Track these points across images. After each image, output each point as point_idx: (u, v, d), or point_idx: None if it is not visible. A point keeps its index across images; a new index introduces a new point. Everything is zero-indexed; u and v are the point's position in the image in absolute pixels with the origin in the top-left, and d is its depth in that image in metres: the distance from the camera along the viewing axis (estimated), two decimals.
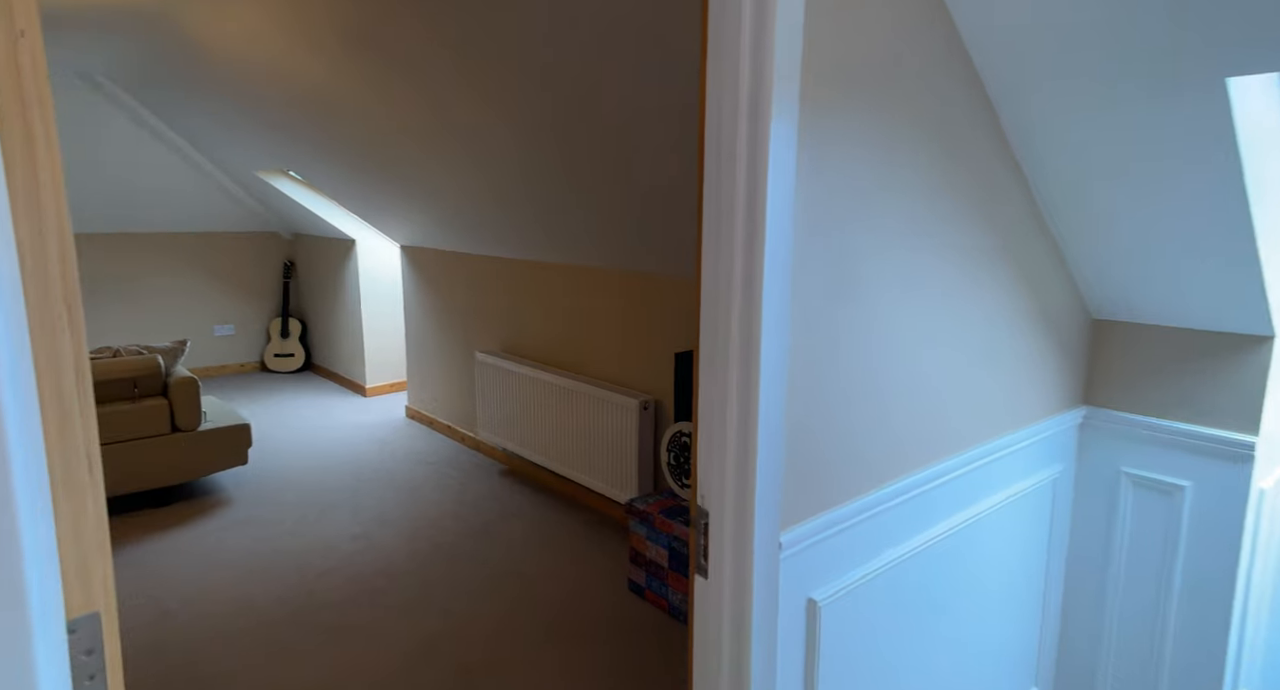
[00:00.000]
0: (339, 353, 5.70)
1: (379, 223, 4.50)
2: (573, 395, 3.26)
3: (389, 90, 2.74)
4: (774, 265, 1.04)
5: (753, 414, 1.10)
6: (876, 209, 1.20)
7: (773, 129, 0.99)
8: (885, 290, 1.25)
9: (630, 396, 2.99)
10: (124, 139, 4.72)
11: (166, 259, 5.59)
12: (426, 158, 3.15)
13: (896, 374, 1.31)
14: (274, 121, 3.74)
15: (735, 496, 1.12)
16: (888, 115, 1.18)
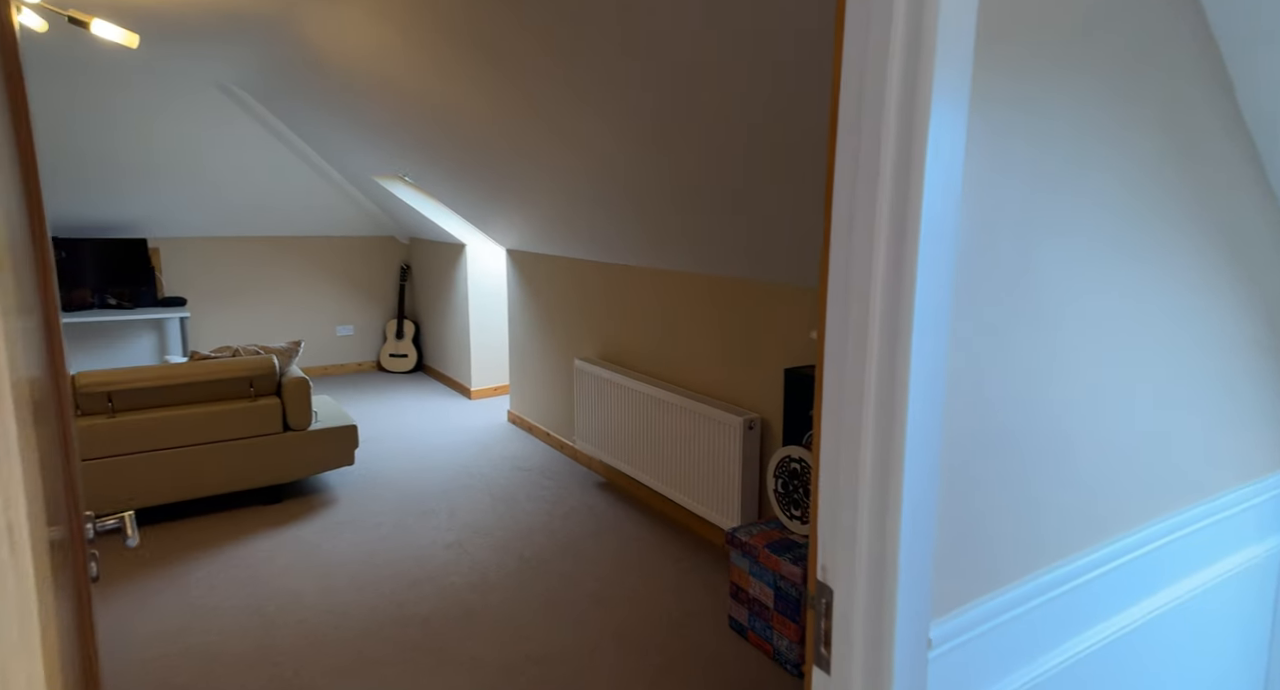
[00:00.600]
0: (448, 355, 5.80)
1: (486, 227, 4.49)
2: (672, 409, 3.05)
3: (494, 92, 2.64)
4: (932, 271, 0.78)
5: (895, 460, 0.83)
6: (1069, 203, 0.91)
7: (934, 95, 0.73)
8: (1079, 304, 0.95)
9: (734, 413, 2.74)
10: (258, 147, 5.00)
11: (294, 262, 5.91)
12: (531, 161, 3.05)
13: (1088, 410, 1.00)
14: (387, 128, 3.79)
15: (870, 572, 0.86)
16: (1091, 81, 0.88)
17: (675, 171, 2.38)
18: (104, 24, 2.07)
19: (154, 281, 5.22)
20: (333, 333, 6.17)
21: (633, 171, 2.57)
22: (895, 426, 0.81)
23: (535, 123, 2.68)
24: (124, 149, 4.59)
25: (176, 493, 3.15)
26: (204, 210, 5.29)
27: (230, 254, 5.63)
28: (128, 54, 3.71)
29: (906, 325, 0.78)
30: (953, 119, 0.74)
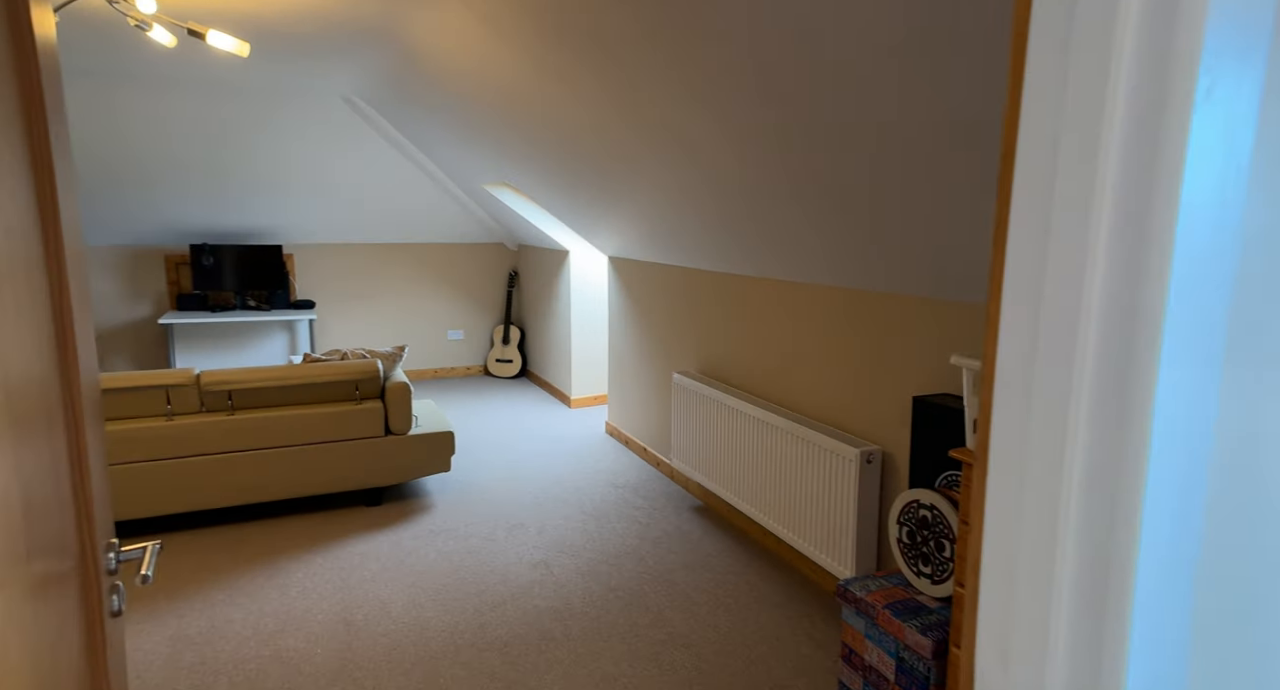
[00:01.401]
0: (550, 362, 5.80)
1: (589, 233, 4.42)
2: (777, 433, 2.80)
3: (602, 92, 2.52)
4: (1194, 281, 0.52)
5: (1125, 555, 0.58)
6: None
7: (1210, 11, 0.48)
8: None
9: (849, 444, 2.45)
10: (380, 157, 5.21)
11: (411, 268, 6.13)
12: (638, 164, 2.91)
13: None
14: (494, 134, 3.79)
15: None
16: None
17: (794, 173, 2.15)
18: (218, 34, 2.15)
19: (288, 285, 5.56)
20: (444, 337, 6.35)
21: (747, 174, 2.36)
22: (1125, 508, 0.55)
23: (644, 123, 2.53)
24: (263, 162, 4.92)
25: (285, 490, 3.26)
26: (331, 218, 5.59)
27: (354, 260, 5.92)
28: (265, 75, 3.94)
29: (1149, 359, 0.53)
30: (1241, 46, 0.49)
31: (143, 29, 2.12)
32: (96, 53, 3.56)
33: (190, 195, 4.99)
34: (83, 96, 4.10)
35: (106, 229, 5.06)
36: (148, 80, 4.03)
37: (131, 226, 5.11)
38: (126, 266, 5.26)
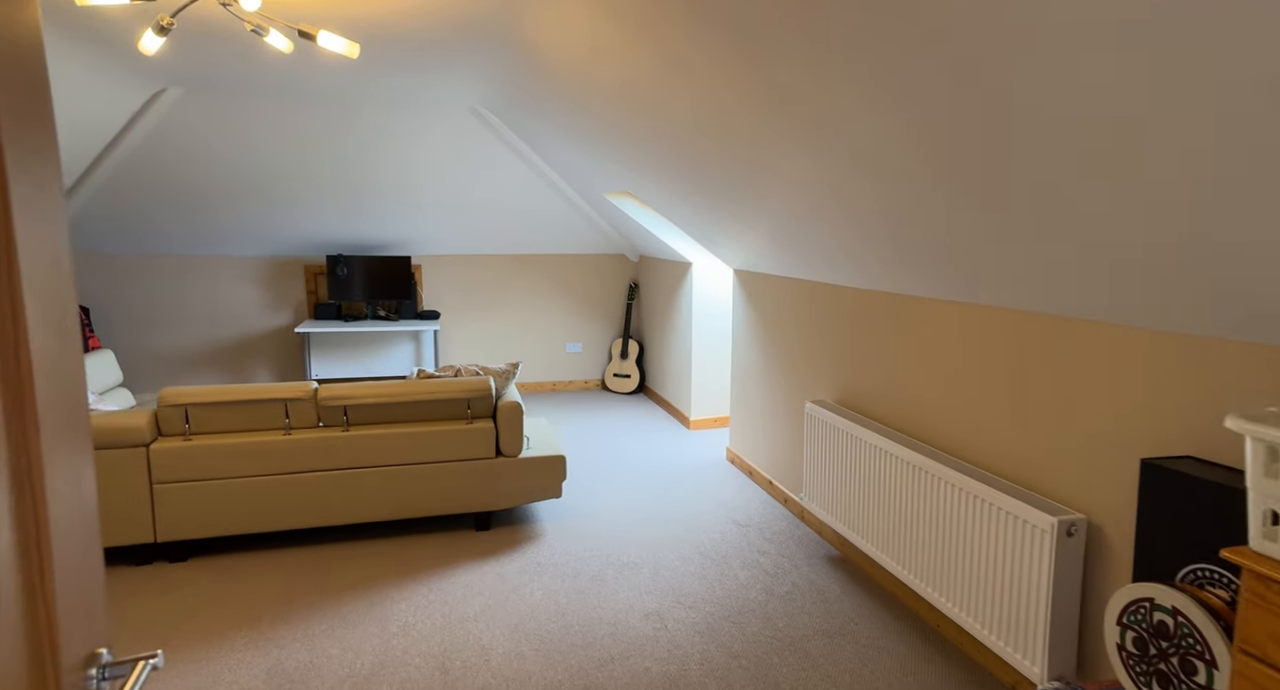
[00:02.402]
0: (668, 379, 5.51)
1: (712, 243, 4.09)
2: (942, 486, 2.32)
3: (735, 84, 2.20)
4: None
5: None
6: None
7: None
8: None
9: (1043, 508, 1.95)
10: (504, 167, 5.16)
11: (532, 279, 6.07)
12: (773, 166, 2.55)
13: None
14: (613, 139, 3.56)
15: None
16: None
17: (999, 176, 1.71)
18: (328, 35, 2.04)
19: (415, 295, 5.65)
20: (562, 349, 6.24)
21: (933, 177, 1.94)
22: None
23: (791, 117, 2.17)
24: (394, 175, 5.00)
25: (396, 510, 3.17)
26: (457, 229, 5.62)
27: (477, 270, 5.94)
28: (395, 88, 3.94)
29: None
30: None
31: (259, 34, 2.06)
32: (229, 66, 3.67)
33: (326, 207, 5.17)
34: (223, 112, 4.30)
35: (251, 240, 5.35)
36: (284, 94, 4.16)
37: (273, 238, 5.37)
38: (269, 276, 5.54)
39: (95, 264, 5.18)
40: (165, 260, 5.31)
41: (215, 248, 5.34)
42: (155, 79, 3.80)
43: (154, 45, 2.03)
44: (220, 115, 4.28)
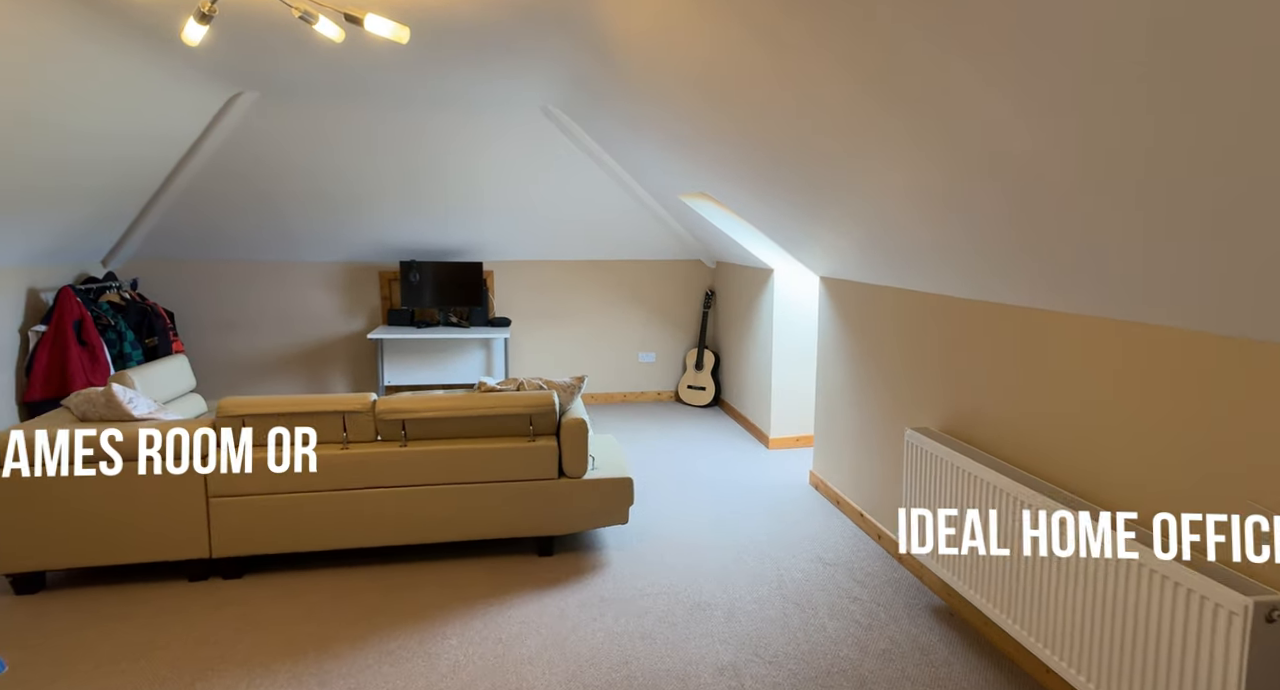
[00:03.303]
0: (747, 393, 5.17)
1: (796, 249, 3.73)
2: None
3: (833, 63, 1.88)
4: None
5: None
6: None
7: None
8: None
9: (1231, 584, 1.52)
10: (576, 170, 4.97)
11: (604, 285, 5.86)
12: (871, 161, 2.20)
13: None
14: (689, 137, 3.28)
15: None
16: None
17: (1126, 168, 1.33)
18: (376, 18, 1.86)
19: (486, 302, 5.55)
20: (634, 359, 6.00)
21: (1047, 170, 1.57)
22: None
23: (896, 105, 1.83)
24: (465, 179, 4.89)
25: (453, 531, 2.98)
26: (528, 234, 5.48)
27: (548, 276, 5.78)
28: (465, 86, 3.81)
29: None
30: None
31: (307, 21, 1.91)
32: (291, 63, 3.61)
33: (400, 212, 5.12)
34: (297, 117, 4.28)
35: (328, 246, 5.37)
36: (355, 98, 4.11)
37: (349, 243, 5.37)
38: (345, 282, 5.56)
39: (179, 270, 5.32)
40: (244, 266, 5.40)
41: (293, 253, 5.39)
42: (228, 84, 3.81)
43: (197, 35, 1.92)
44: (295, 120, 4.27)
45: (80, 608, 2.62)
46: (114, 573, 2.88)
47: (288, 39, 3.03)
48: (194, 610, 2.61)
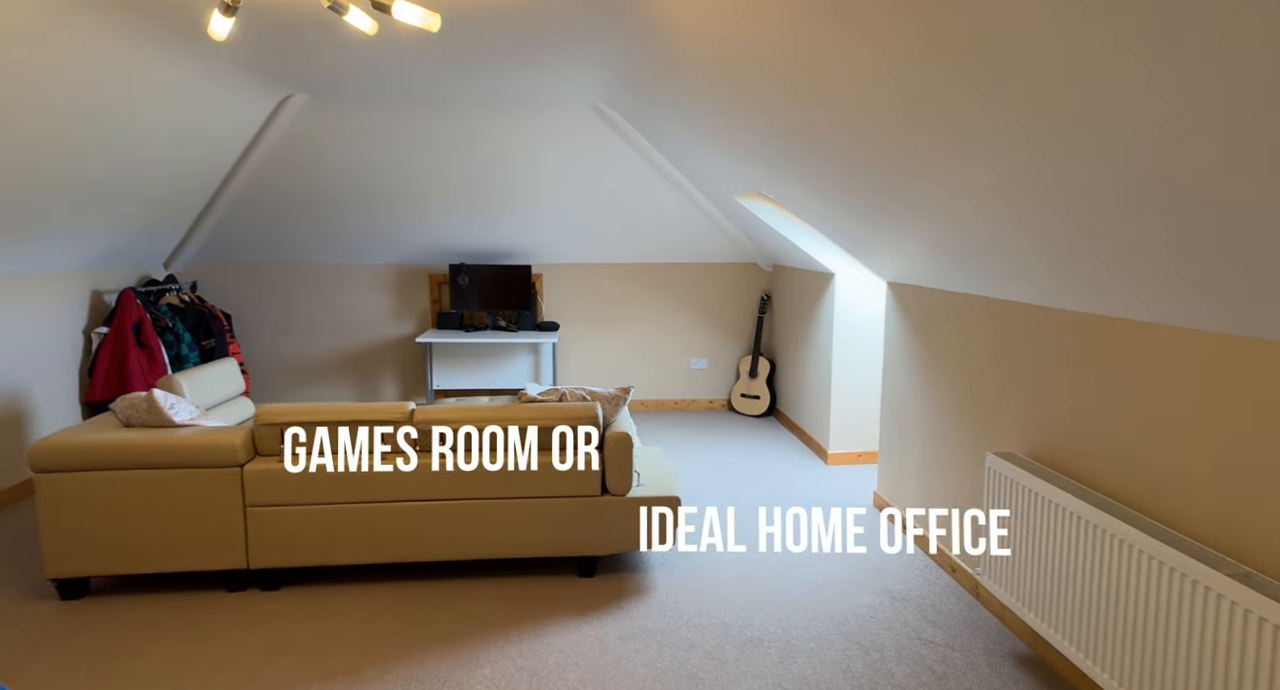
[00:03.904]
0: (804, 403, 4.89)
1: (861, 251, 3.46)
2: (1206, 599, 1.60)
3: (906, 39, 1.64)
4: None
5: None
6: None
7: None
8: None
9: None
10: (627, 170, 4.80)
11: (655, 289, 5.67)
12: (950, 154, 1.94)
13: None
14: (745, 130, 3.05)
15: None
16: None
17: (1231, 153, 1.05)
18: (404, 5, 1.72)
19: (535, 306, 5.44)
20: (686, 365, 5.78)
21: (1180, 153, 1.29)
22: None
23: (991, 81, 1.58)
24: (515, 180, 4.78)
25: (489, 548, 2.84)
26: (577, 237, 5.34)
27: (597, 280, 5.63)
28: (513, 83, 3.68)
29: None
30: None
31: (337, 11, 1.79)
32: (330, 60, 3.54)
33: (448, 214, 5.06)
34: (345, 119, 4.24)
35: (378, 248, 5.35)
36: (402, 99, 4.04)
37: (399, 246, 5.34)
38: (395, 285, 5.53)
39: (236, 272, 5.39)
40: (298, 269, 5.44)
41: (345, 256, 5.40)
42: (277, 86, 3.78)
43: (224, 28, 1.82)
44: (343, 122, 4.24)
45: (120, 616, 2.59)
46: (157, 580, 2.85)
47: (331, 38, 2.95)
48: (227, 626, 2.54)
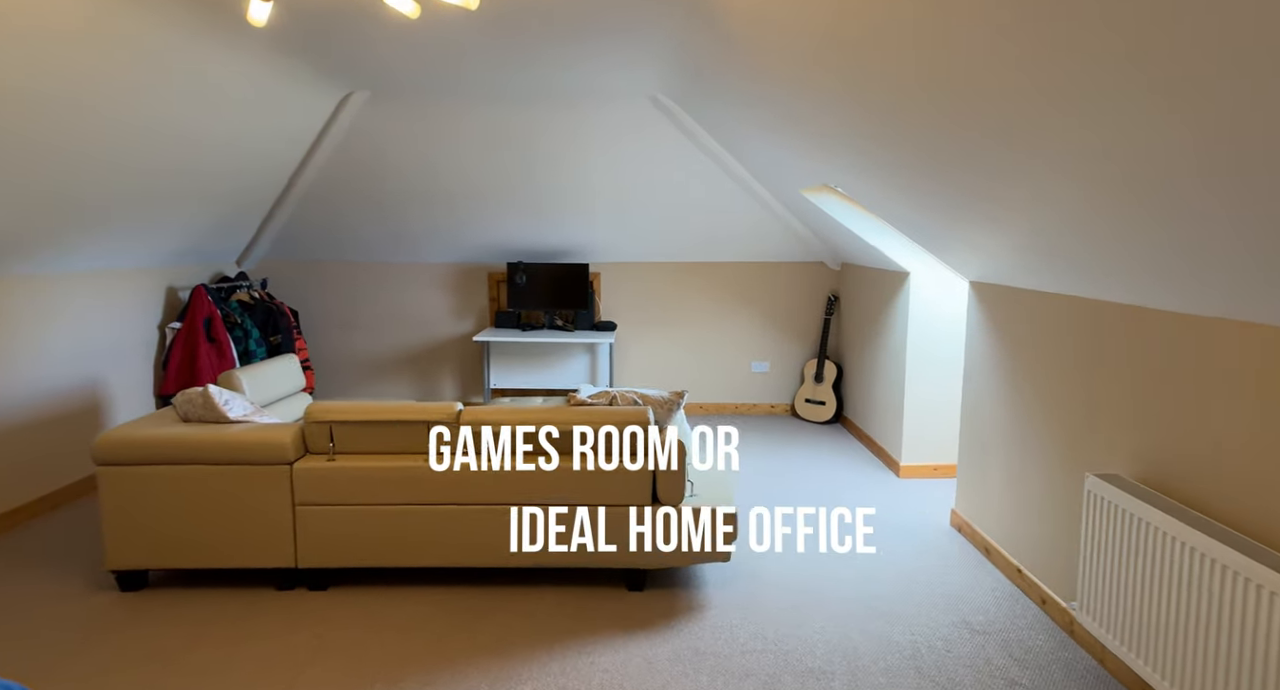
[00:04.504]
0: (873, 411, 4.60)
1: (939, 247, 3.18)
2: None
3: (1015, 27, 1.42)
4: None
5: None
6: None
7: None
8: None
9: None
10: (686, 164, 4.63)
11: (715, 288, 5.48)
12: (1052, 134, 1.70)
13: None
14: (814, 121, 2.83)
15: None
16: None
17: None
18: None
19: (592, 305, 5.33)
20: (746, 368, 5.56)
21: None
22: None
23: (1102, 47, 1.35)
24: (572, 176, 4.69)
25: (530, 556, 2.73)
26: (635, 234, 5.21)
27: (656, 279, 5.48)
28: (570, 75, 3.58)
29: None
30: None
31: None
32: (395, 59, 3.50)
33: (507, 212, 5.01)
34: (405, 115, 4.23)
35: (438, 246, 5.36)
36: (460, 95, 3.99)
37: (459, 244, 5.34)
38: (456, 283, 5.54)
39: (303, 270, 5.50)
40: (361, 267, 5.51)
41: (406, 254, 5.43)
42: (337, 84, 3.79)
43: (262, 14, 1.77)
44: (403, 119, 4.23)
45: (173, 611, 2.60)
46: (210, 575, 2.86)
47: (385, 30, 2.91)
48: (273, 626, 2.51)
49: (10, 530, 3.31)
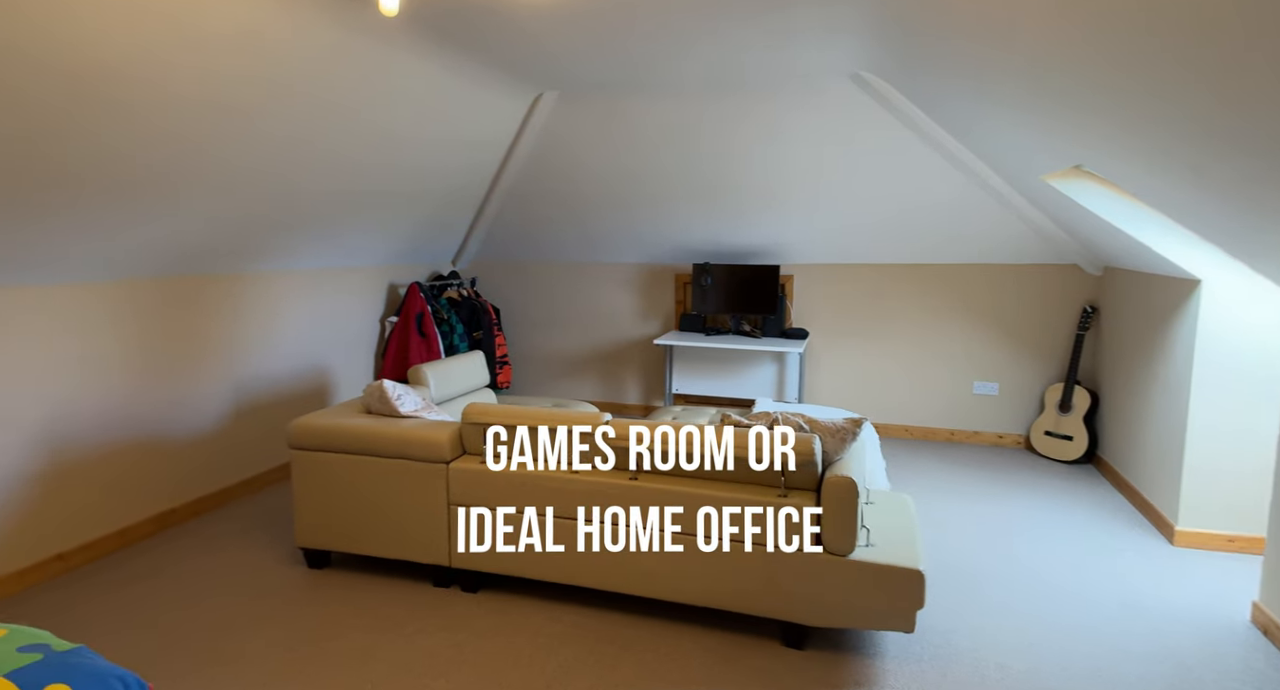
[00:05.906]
0: (1139, 454, 3.60)
1: (1247, 250, 2.29)
2: None
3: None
4: None
5: None
6: None
7: None
8: None
9: None
10: (896, 150, 4.01)
11: (930, 294, 4.72)
12: None
13: None
14: (1061, 85, 2.16)
15: None
16: None
17: None
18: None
19: (782, 310, 4.90)
20: (967, 389, 4.72)
21: None
22: None
23: None
24: (764, 170, 4.32)
25: (672, 590, 2.43)
26: (834, 232, 4.66)
27: (856, 282, 4.87)
28: (763, 56, 3.22)
29: None
30: None
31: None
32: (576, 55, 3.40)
33: (696, 210, 4.77)
34: (594, 113, 4.16)
35: (629, 246, 5.29)
36: (647, 88, 3.82)
37: (648, 244, 5.21)
38: (644, 284, 5.43)
39: (506, 269, 5.78)
40: (556, 266, 5.64)
41: (596, 254, 5.45)
42: (527, 85, 3.83)
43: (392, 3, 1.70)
44: (591, 117, 4.18)
45: (342, 592, 2.74)
46: (381, 564, 2.99)
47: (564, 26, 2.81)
48: (419, 625, 2.52)
49: (252, 495, 3.81)
